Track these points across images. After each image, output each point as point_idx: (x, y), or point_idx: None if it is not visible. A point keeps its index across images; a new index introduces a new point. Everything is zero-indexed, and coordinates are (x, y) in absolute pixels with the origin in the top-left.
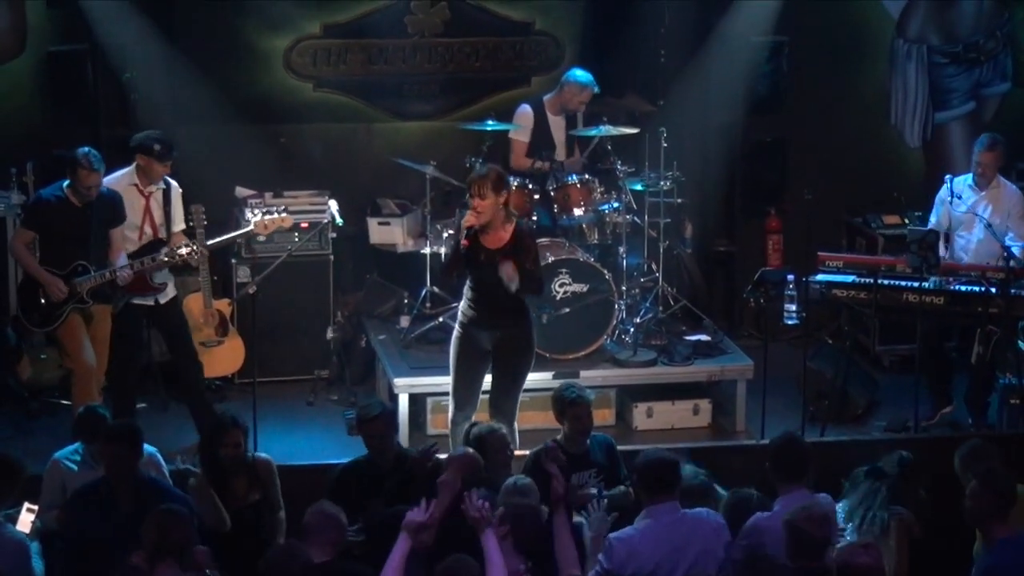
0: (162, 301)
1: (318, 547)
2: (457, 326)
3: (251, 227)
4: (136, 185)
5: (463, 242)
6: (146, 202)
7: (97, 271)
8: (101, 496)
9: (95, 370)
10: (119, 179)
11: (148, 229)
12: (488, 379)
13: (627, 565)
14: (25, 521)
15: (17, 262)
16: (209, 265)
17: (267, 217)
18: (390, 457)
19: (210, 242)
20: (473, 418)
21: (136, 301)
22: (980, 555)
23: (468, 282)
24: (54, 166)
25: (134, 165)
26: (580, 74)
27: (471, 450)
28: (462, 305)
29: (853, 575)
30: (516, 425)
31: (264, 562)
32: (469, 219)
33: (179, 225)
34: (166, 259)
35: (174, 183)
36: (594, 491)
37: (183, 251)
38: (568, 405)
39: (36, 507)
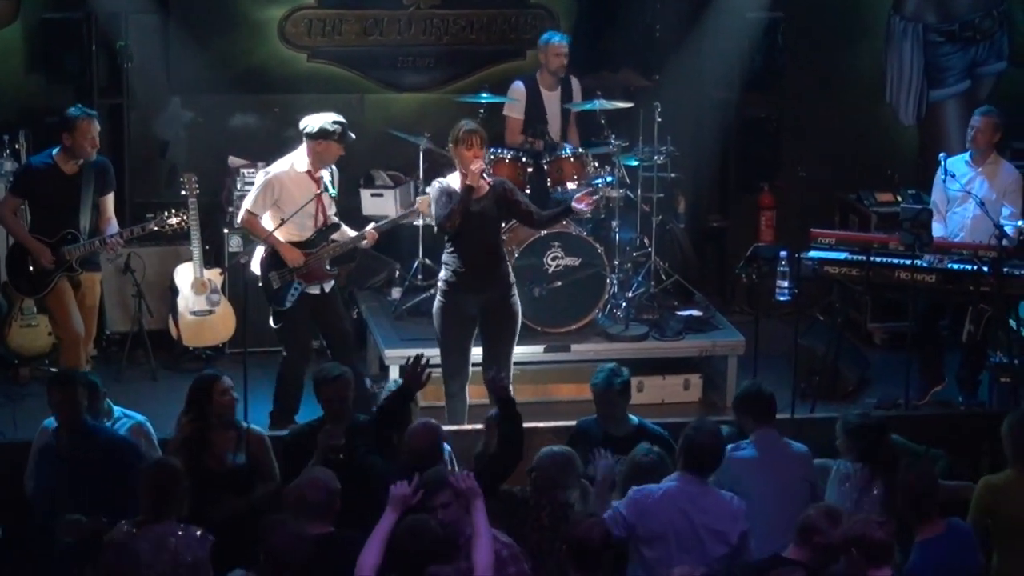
0: (327, 289)
1: (320, 519)
2: (440, 296)
3: (416, 206)
4: (309, 172)
5: (487, 180)
6: (317, 187)
7: (87, 239)
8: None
9: (83, 338)
10: (289, 168)
11: (320, 216)
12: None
13: (640, 521)
14: None
15: (5, 229)
16: (201, 234)
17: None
18: (345, 424)
19: (376, 224)
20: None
21: (308, 292)
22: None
23: (449, 247)
24: (46, 134)
25: (305, 152)
26: (546, 35)
27: (432, 420)
28: (443, 274)
29: (869, 549)
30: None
31: (268, 544)
32: (480, 165)
33: (333, 208)
34: (155, 227)
35: (334, 168)
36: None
37: (173, 220)
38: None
39: None
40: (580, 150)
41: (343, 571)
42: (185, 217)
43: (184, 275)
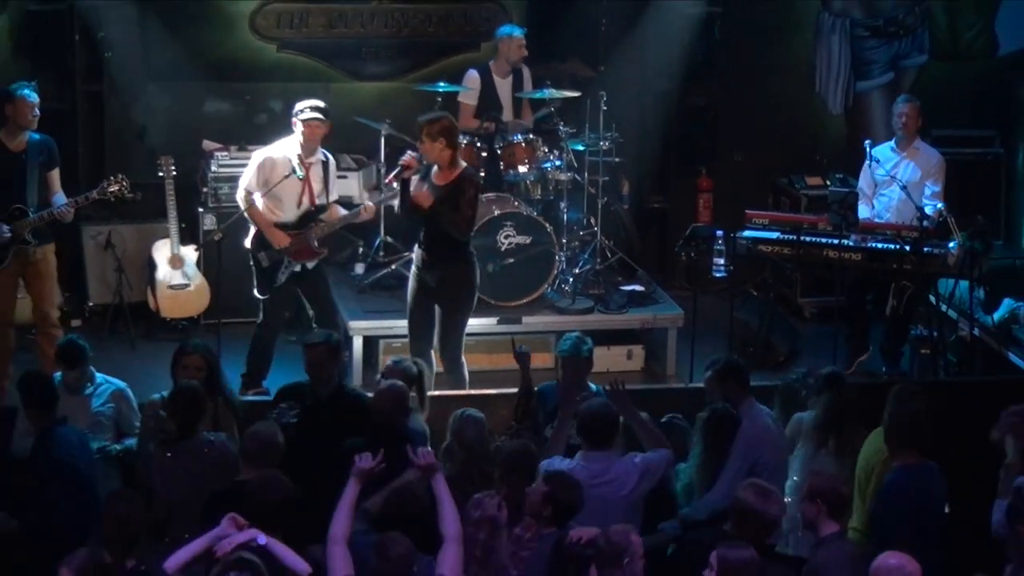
0: (309, 267)
1: (259, 466)
2: (412, 268)
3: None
4: (299, 155)
5: (395, 175)
6: (306, 173)
7: (37, 212)
8: None
9: (9, 323)
10: (283, 151)
11: (306, 200)
12: None
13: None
14: None
15: None
16: (177, 213)
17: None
18: (328, 387)
19: (376, 200)
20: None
21: (295, 270)
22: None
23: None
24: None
25: (296, 137)
26: (504, 28)
27: (399, 383)
28: (415, 248)
29: (834, 503)
30: (464, 362)
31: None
32: (407, 159)
33: (334, 196)
34: (97, 196)
35: (331, 157)
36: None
37: (113, 188)
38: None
39: None
40: (531, 136)
41: None
42: (125, 183)
43: (162, 251)
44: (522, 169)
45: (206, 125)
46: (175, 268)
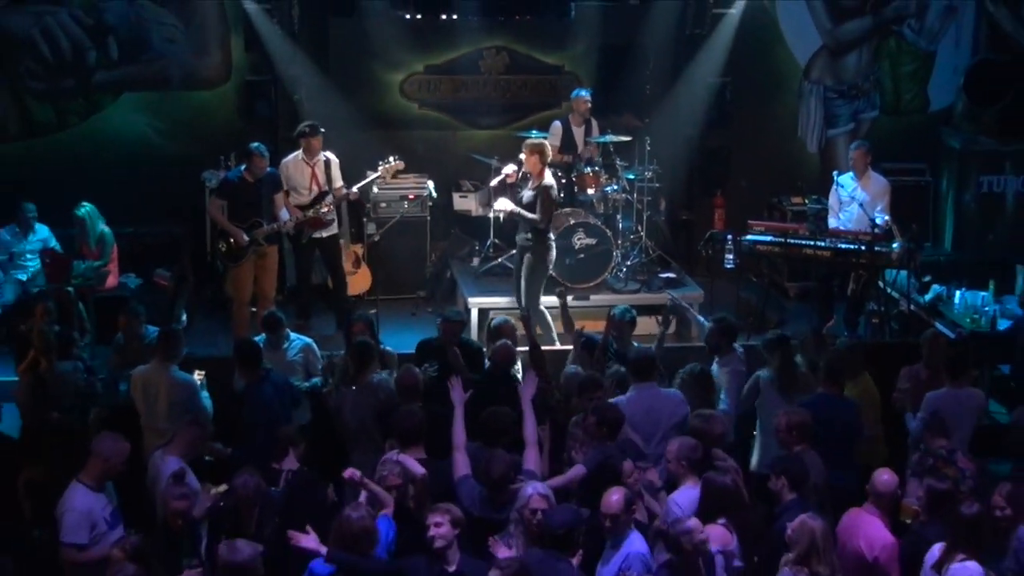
0: (324, 235)
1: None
2: (518, 247)
3: (379, 173)
4: (303, 160)
5: (499, 181)
6: (312, 170)
7: (269, 223)
8: None
9: (248, 302)
10: (293, 158)
11: (315, 187)
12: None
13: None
14: (197, 376)
15: (215, 220)
16: (349, 220)
17: (387, 165)
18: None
19: (358, 185)
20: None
21: (314, 236)
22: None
23: None
24: (246, 157)
25: (300, 148)
26: (576, 91)
27: (507, 341)
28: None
29: (805, 431)
30: (544, 311)
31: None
32: (509, 171)
33: (337, 183)
34: (312, 214)
35: (332, 156)
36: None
37: (325, 208)
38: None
39: (203, 371)
40: (597, 168)
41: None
42: (332, 206)
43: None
44: (590, 191)
45: (369, 161)
46: (346, 260)
